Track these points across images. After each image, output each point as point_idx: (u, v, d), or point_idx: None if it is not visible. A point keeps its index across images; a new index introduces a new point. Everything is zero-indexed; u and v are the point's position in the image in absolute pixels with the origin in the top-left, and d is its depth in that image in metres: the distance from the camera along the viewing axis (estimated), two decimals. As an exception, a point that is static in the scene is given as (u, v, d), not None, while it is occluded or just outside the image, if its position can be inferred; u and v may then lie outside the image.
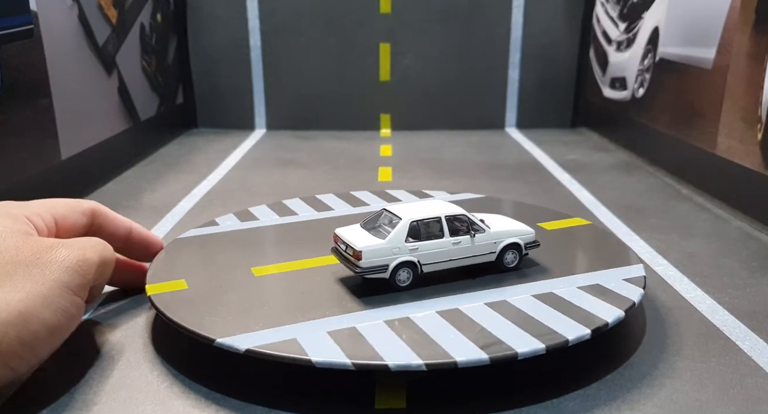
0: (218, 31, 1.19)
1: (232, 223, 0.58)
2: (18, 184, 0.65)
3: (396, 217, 0.45)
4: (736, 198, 0.70)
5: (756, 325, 0.45)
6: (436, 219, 0.45)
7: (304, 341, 0.37)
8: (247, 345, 0.36)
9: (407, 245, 0.44)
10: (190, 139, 1.14)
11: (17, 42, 0.65)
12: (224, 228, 0.56)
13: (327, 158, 0.99)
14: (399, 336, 0.37)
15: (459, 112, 1.23)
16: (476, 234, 0.46)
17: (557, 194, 0.78)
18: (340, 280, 0.45)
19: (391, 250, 0.44)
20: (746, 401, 0.36)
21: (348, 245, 0.44)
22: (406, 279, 0.44)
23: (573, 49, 1.21)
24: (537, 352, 0.36)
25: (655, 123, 0.92)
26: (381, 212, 0.47)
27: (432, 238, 0.45)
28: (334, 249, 0.47)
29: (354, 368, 0.34)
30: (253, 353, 0.35)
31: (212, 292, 0.43)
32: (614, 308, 0.40)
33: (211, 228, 0.56)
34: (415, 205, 0.47)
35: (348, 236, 0.45)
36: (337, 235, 0.46)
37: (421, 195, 0.67)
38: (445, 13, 1.18)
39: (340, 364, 0.34)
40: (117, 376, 0.38)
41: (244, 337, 0.37)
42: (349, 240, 0.44)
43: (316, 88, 1.22)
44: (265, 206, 0.63)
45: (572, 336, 0.37)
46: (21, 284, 0.34)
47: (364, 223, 0.47)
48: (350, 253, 0.44)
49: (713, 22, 0.75)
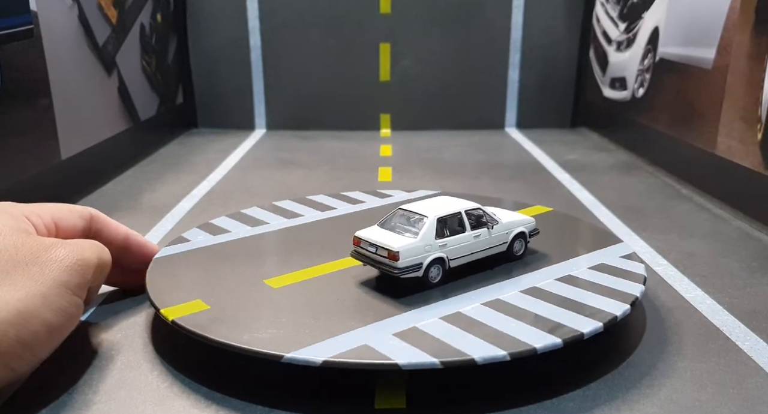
0: (218, 31, 1.19)
1: (205, 237, 0.54)
2: (18, 185, 0.65)
3: (416, 214, 0.46)
4: (736, 198, 0.70)
5: (756, 325, 0.45)
6: (457, 214, 0.46)
7: (377, 346, 0.36)
8: (322, 357, 0.35)
9: (437, 242, 0.45)
10: (190, 139, 1.14)
11: (17, 42, 0.65)
12: (214, 239, 0.53)
13: (327, 158, 0.99)
14: (466, 331, 0.38)
15: (459, 112, 1.23)
16: (493, 226, 0.47)
17: (557, 194, 0.78)
18: (361, 284, 0.45)
19: (423, 249, 0.44)
20: (746, 401, 0.36)
21: (379, 247, 0.44)
22: (437, 275, 0.45)
23: (573, 49, 1.21)
24: (597, 330, 0.38)
25: (655, 123, 0.92)
26: (395, 212, 0.47)
27: (455, 233, 0.46)
28: (357, 252, 0.46)
29: (441, 366, 0.34)
30: (332, 364, 0.34)
31: (238, 310, 0.41)
32: (631, 283, 0.43)
33: (198, 240, 0.53)
34: (432, 202, 0.48)
35: (376, 238, 0.44)
36: (360, 238, 0.45)
37: (379, 195, 0.67)
38: (445, 13, 1.18)
39: (427, 364, 0.34)
40: (117, 376, 0.38)
41: (310, 349, 0.36)
42: (381, 242, 0.44)
43: (316, 88, 1.22)
44: (255, 208, 0.62)
45: (618, 311, 0.39)
46: (21, 283, 0.34)
47: (381, 223, 0.47)
48: (384, 255, 0.44)
49: (713, 22, 0.75)
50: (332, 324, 0.39)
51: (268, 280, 0.46)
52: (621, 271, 0.46)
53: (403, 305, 0.42)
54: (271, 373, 0.38)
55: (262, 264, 0.50)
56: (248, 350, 0.36)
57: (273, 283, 0.45)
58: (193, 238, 0.53)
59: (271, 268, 0.49)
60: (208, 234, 0.55)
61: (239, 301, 0.42)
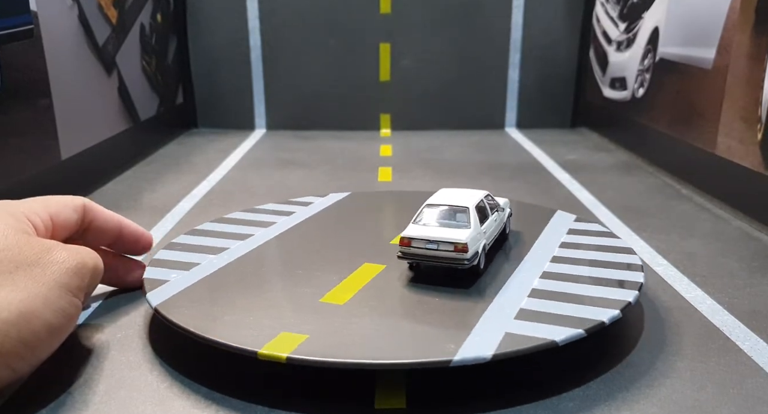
0: (218, 31, 1.19)
1: (208, 260, 0.50)
2: (18, 185, 0.65)
3: (454, 207, 0.47)
4: (736, 198, 0.70)
5: (756, 325, 0.45)
6: (481, 202, 0.49)
7: (524, 331, 0.38)
8: (490, 351, 0.35)
9: (482, 229, 0.47)
10: (190, 139, 1.14)
11: (17, 42, 0.65)
12: (217, 262, 0.49)
13: (327, 158, 0.99)
14: (560, 309, 0.40)
15: (459, 112, 1.23)
16: (501, 209, 0.52)
17: (557, 194, 0.78)
18: (410, 282, 0.45)
19: (477, 237, 0.46)
20: (746, 401, 0.36)
21: (442, 242, 0.45)
22: (483, 261, 0.47)
23: (573, 49, 1.21)
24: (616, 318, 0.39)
25: (655, 123, 0.92)
26: (424, 208, 0.48)
27: (484, 220, 0.48)
28: (406, 253, 0.46)
29: (585, 334, 0.37)
30: (501, 356, 0.35)
31: (340, 336, 0.38)
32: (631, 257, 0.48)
33: (206, 263, 0.49)
34: (454, 193, 0.50)
35: (434, 234, 0.45)
36: (412, 237, 0.45)
37: (301, 203, 0.65)
38: (445, 13, 1.18)
39: (576, 335, 0.37)
40: (117, 377, 0.38)
41: (473, 348, 0.36)
42: (442, 237, 0.45)
43: (316, 88, 1.22)
44: (209, 223, 0.58)
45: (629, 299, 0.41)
46: (23, 284, 0.34)
47: (416, 221, 0.47)
48: (449, 249, 0.44)
49: (713, 22, 0.75)
50: (459, 321, 0.39)
51: (325, 298, 0.43)
52: (602, 246, 0.49)
53: (472, 297, 0.43)
54: (271, 374, 0.38)
55: (298, 283, 0.46)
56: (420, 363, 0.35)
57: (334, 299, 0.43)
58: (202, 261, 0.49)
59: (312, 286, 0.45)
60: (210, 255, 0.51)
61: (332, 328, 0.39)
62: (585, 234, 0.54)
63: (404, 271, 0.47)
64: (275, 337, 0.37)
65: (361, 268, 0.48)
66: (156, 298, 0.42)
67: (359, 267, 0.48)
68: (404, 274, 0.47)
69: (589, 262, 0.48)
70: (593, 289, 0.43)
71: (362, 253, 0.51)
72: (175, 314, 0.40)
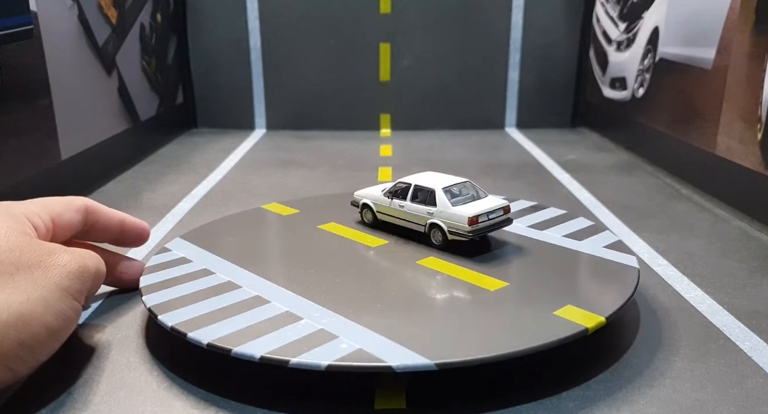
0: (218, 31, 1.19)
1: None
2: (18, 185, 0.65)
3: (461, 182, 0.52)
4: (736, 198, 0.70)
5: (756, 325, 0.45)
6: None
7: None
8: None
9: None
10: (190, 139, 1.14)
11: (17, 42, 0.65)
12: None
13: (327, 158, 0.99)
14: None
15: (459, 112, 1.23)
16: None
17: (557, 194, 0.78)
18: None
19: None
20: (746, 401, 0.36)
21: (495, 210, 0.50)
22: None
23: (573, 49, 1.21)
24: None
25: (655, 123, 0.92)
26: (434, 191, 0.51)
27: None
28: (475, 231, 0.49)
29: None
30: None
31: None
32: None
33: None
34: (421, 177, 0.54)
35: (490, 205, 0.50)
36: (478, 214, 0.49)
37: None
38: (445, 13, 1.18)
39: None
40: (116, 377, 0.38)
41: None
42: (492, 206, 0.50)
43: (316, 88, 1.22)
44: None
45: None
46: (23, 286, 0.34)
47: (452, 200, 0.51)
48: (500, 214, 0.50)
49: (713, 22, 0.75)
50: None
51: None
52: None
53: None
54: (271, 374, 0.38)
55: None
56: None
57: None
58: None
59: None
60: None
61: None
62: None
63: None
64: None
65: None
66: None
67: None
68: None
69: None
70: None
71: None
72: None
